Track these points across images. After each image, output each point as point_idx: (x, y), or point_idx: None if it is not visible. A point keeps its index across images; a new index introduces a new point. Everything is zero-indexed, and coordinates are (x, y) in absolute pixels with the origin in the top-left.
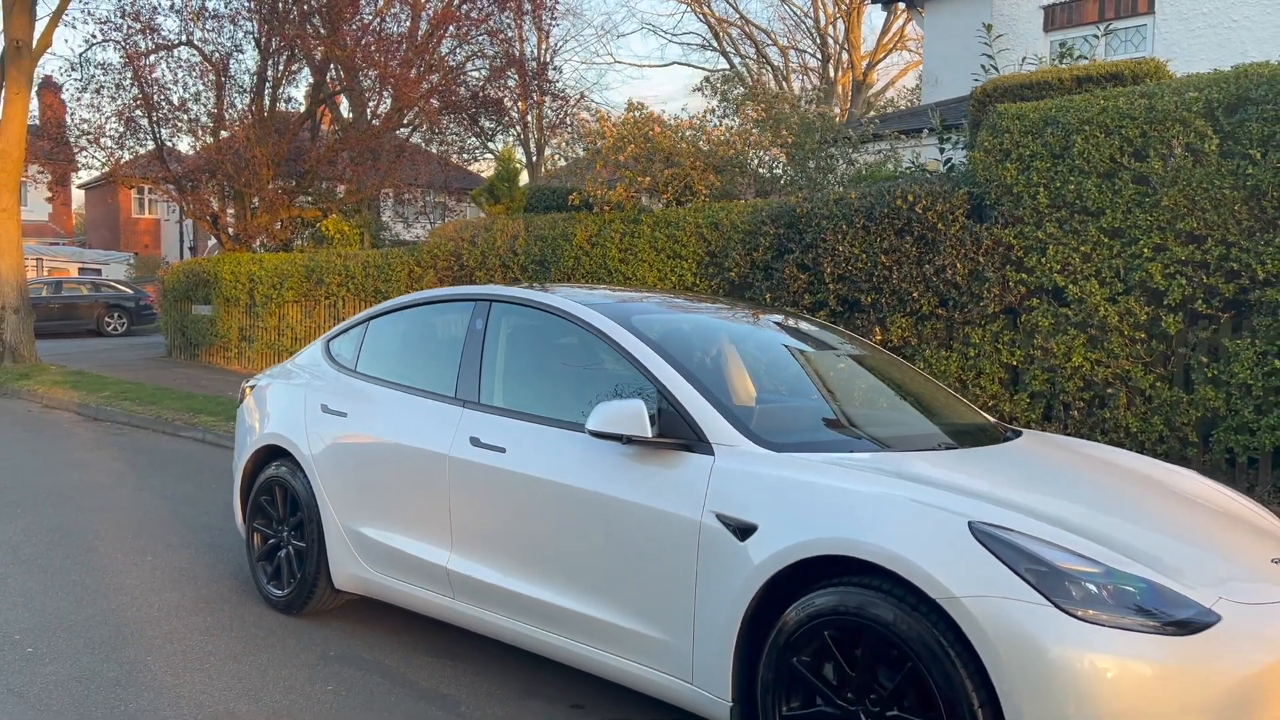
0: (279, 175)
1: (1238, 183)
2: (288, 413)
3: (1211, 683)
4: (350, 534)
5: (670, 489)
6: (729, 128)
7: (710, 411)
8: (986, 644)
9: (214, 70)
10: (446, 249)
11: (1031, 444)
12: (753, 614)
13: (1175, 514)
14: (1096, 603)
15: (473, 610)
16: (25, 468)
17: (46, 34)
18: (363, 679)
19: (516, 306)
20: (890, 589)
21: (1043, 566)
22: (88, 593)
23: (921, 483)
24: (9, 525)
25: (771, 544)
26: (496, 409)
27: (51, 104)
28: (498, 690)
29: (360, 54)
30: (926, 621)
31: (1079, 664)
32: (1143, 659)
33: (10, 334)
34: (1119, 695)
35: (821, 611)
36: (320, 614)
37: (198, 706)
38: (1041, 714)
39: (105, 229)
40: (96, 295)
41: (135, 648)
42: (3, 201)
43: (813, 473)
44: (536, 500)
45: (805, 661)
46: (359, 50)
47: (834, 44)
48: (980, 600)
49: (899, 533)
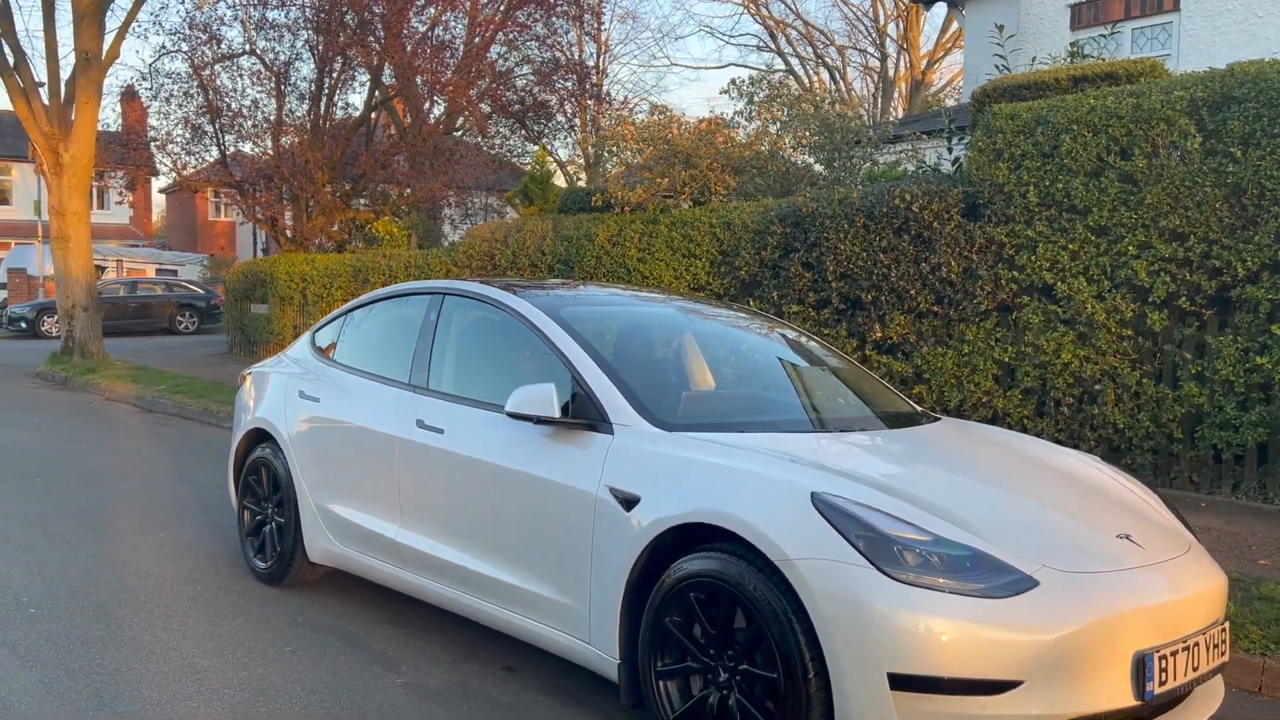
0: (334, 179)
1: (1219, 180)
2: (273, 399)
3: (1026, 643)
4: (321, 511)
5: (575, 465)
6: (750, 130)
7: (614, 394)
8: (813, 601)
9: (274, 78)
10: (481, 249)
11: (938, 429)
12: (637, 579)
13: (1037, 492)
14: (922, 567)
15: (418, 580)
16: (71, 453)
17: (114, 45)
18: (320, 641)
19: (464, 299)
20: (742, 554)
21: (873, 533)
22: (97, 563)
23: (788, 459)
24: (43, 503)
25: (650, 514)
26: (440, 394)
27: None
28: (441, 654)
29: (412, 62)
30: (769, 582)
31: (896, 622)
32: (959, 619)
33: (80, 330)
34: (934, 651)
35: (689, 575)
36: (300, 585)
37: (165, 661)
38: (859, 667)
39: (183, 232)
40: (169, 295)
41: (126, 611)
42: (73, 205)
43: (693, 450)
44: (467, 477)
45: (676, 621)
46: (412, 58)
47: (893, 44)
48: (811, 562)
49: (751, 503)
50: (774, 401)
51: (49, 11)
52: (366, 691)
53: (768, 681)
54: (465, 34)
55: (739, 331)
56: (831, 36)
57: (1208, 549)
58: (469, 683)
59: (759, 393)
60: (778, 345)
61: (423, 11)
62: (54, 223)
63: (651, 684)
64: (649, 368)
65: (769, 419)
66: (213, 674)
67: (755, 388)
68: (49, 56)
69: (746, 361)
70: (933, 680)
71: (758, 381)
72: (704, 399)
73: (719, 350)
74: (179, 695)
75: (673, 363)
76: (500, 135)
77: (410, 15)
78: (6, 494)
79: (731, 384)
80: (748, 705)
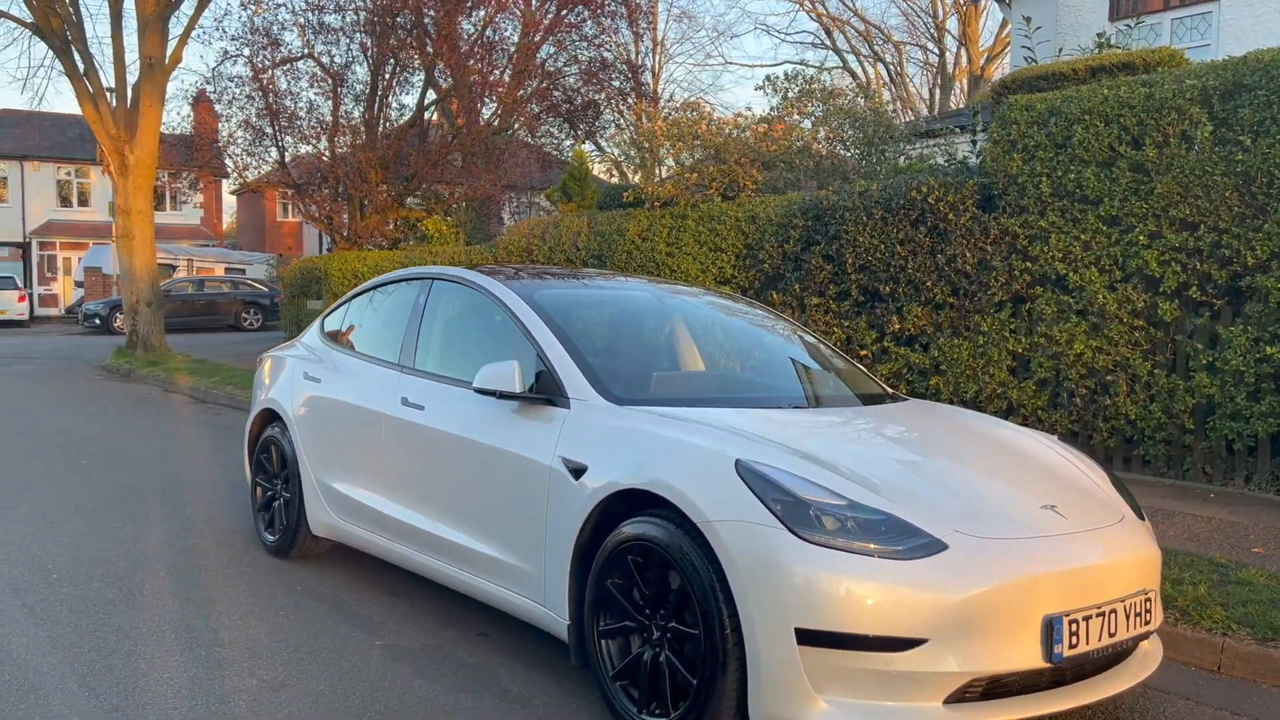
0: (387, 179)
1: (1229, 169)
2: (282, 381)
3: (931, 602)
4: (321, 486)
5: (534, 438)
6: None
7: (573, 370)
8: (729, 560)
9: (331, 80)
10: (520, 245)
11: (897, 408)
12: (585, 544)
13: (973, 464)
14: (836, 530)
15: (402, 549)
16: (121, 438)
17: (177, 50)
18: (312, 607)
19: (449, 284)
20: (673, 518)
21: (789, 497)
22: (123, 536)
23: (726, 431)
24: (85, 485)
25: (595, 481)
26: (424, 373)
27: (203, 115)
28: (422, 620)
29: (465, 62)
30: (694, 544)
31: (804, 580)
32: (866, 578)
33: (143, 325)
34: (841, 609)
35: (627, 539)
36: (306, 558)
37: (165, 621)
38: (769, 623)
39: (253, 232)
40: (235, 293)
41: (140, 578)
42: (137, 205)
43: (638, 422)
44: (442, 450)
45: (617, 583)
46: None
47: (952, 39)
48: (728, 524)
49: (682, 470)
50: (737, 380)
51: (116, 19)
52: (345, 652)
53: (692, 638)
54: (519, 36)
55: (714, 314)
56: (889, 33)
57: (1205, 538)
58: (443, 646)
59: (723, 372)
60: (752, 327)
61: (472, 14)
62: (120, 221)
63: (594, 643)
64: (616, 347)
65: (727, 395)
66: (206, 634)
67: (722, 366)
68: (116, 62)
69: (716, 342)
70: (838, 636)
71: (726, 360)
72: (672, 378)
73: (691, 332)
74: (171, 651)
75: (643, 342)
76: (550, 135)
77: (459, 19)
78: (53, 474)
79: (697, 362)
80: (675, 661)
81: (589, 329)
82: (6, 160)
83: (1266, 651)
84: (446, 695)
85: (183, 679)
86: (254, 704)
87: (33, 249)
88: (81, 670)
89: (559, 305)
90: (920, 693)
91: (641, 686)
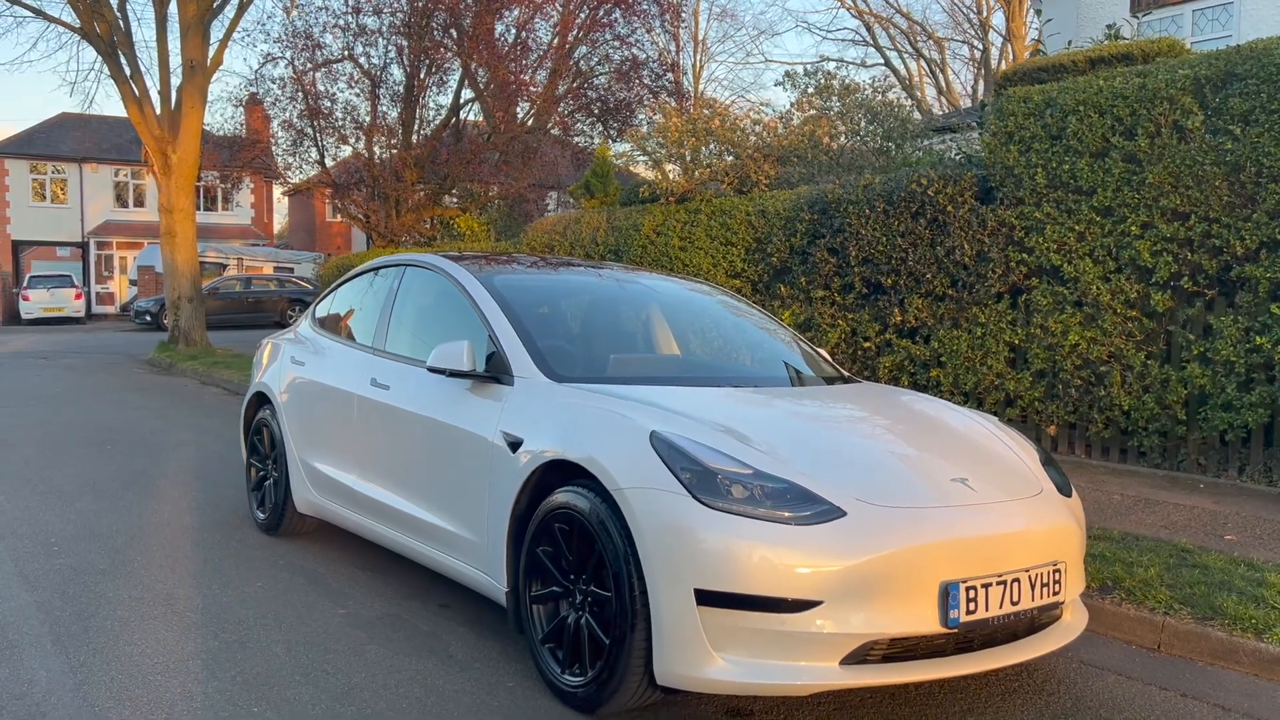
0: (422, 179)
1: (1218, 159)
2: (273, 365)
3: (826, 566)
4: (304, 465)
5: (481, 414)
6: (798, 120)
7: (520, 350)
8: (636, 524)
9: (369, 81)
10: (543, 240)
11: (839, 389)
12: (522, 514)
13: (891, 440)
14: (742, 499)
15: (371, 524)
16: (149, 427)
17: (218, 54)
18: (288, 580)
19: (419, 269)
20: (593, 487)
21: (697, 466)
22: (128, 514)
23: (651, 406)
24: (104, 468)
25: (528, 453)
26: (393, 354)
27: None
28: (388, 592)
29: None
30: (609, 511)
31: (704, 543)
32: (763, 543)
33: (184, 320)
34: (738, 571)
35: (554, 507)
36: (294, 535)
37: (147, 590)
38: (670, 584)
39: (304, 232)
40: (281, 290)
41: (134, 552)
42: (180, 203)
43: (571, 398)
44: (403, 428)
45: (547, 551)
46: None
47: (997, 35)
48: (638, 490)
49: (602, 441)
50: (687, 362)
51: (161, 24)
52: (308, 619)
53: (606, 601)
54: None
55: (678, 301)
56: (931, 29)
57: (1181, 525)
58: (402, 615)
59: (674, 355)
60: (715, 313)
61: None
62: (163, 220)
63: (527, 608)
64: (573, 330)
65: (673, 375)
66: (182, 602)
67: (680, 349)
68: (160, 65)
69: (678, 326)
70: (734, 596)
71: (684, 344)
72: (627, 360)
73: (650, 316)
74: (145, 616)
75: (601, 326)
76: (583, 134)
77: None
78: (76, 458)
79: (650, 344)
80: (593, 623)
81: (551, 313)
82: (66, 162)
83: (1204, 630)
84: (394, 658)
85: (150, 640)
86: (209, 662)
87: (91, 248)
88: (58, 631)
89: (517, 290)
90: (815, 653)
91: (566, 648)
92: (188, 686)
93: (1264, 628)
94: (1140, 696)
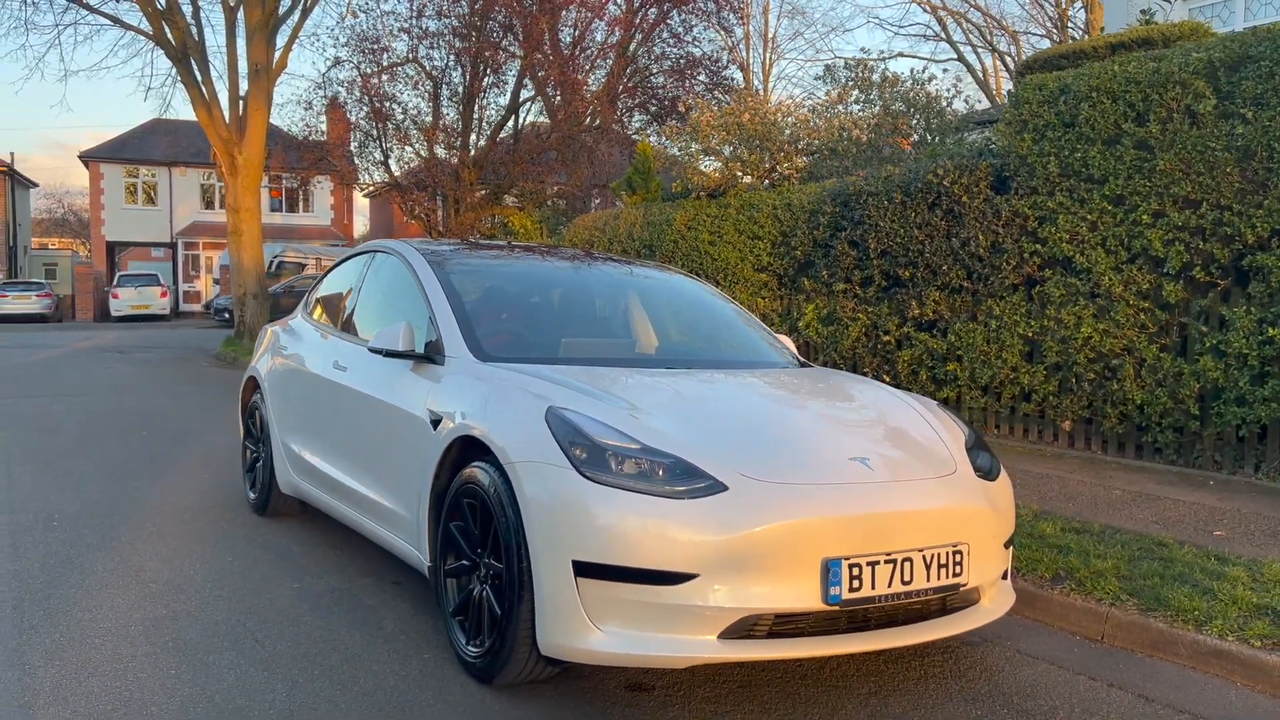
0: (481, 179)
1: (1229, 144)
2: (263, 351)
3: (703, 540)
4: (285, 448)
5: (416, 393)
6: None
7: (454, 331)
8: (523, 496)
9: (432, 82)
10: (582, 237)
11: (775, 372)
12: (441, 490)
13: (800, 420)
14: (625, 473)
15: (334, 503)
16: (191, 416)
17: (282, 57)
18: (258, 556)
19: (384, 255)
20: (492, 460)
21: (586, 441)
22: (135, 494)
23: (558, 384)
24: (129, 452)
25: (444, 429)
26: (355, 338)
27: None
28: (349, 569)
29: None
30: (504, 485)
31: (584, 516)
32: (641, 516)
33: (250, 316)
34: (615, 544)
35: (463, 483)
36: (282, 515)
37: (122, 562)
38: (551, 555)
39: (384, 233)
40: None
41: (125, 528)
42: (245, 203)
43: (488, 377)
44: (357, 407)
45: (458, 525)
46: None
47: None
48: (527, 464)
49: (504, 418)
50: (629, 345)
51: (230, 29)
52: (260, 592)
53: (500, 573)
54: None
55: (640, 289)
56: (1006, 22)
57: (1173, 520)
58: (353, 590)
59: (621, 339)
60: (686, 297)
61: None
62: (229, 219)
63: (442, 581)
64: (519, 313)
65: (602, 356)
66: (151, 573)
67: (633, 335)
68: (230, 69)
69: (637, 312)
70: (610, 568)
71: (638, 329)
72: (576, 343)
73: (597, 299)
74: (112, 585)
75: (562, 310)
76: (640, 132)
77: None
78: (105, 444)
79: (612, 329)
80: (491, 596)
81: (501, 297)
82: (157, 166)
83: (1146, 621)
84: (327, 630)
85: (104, 609)
86: (150, 629)
87: (179, 248)
88: (22, 597)
89: (467, 275)
90: (693, 626)
91: (471, 620)
92: (119, 649)
93: (1205, 620)
94: (1064, 685)
